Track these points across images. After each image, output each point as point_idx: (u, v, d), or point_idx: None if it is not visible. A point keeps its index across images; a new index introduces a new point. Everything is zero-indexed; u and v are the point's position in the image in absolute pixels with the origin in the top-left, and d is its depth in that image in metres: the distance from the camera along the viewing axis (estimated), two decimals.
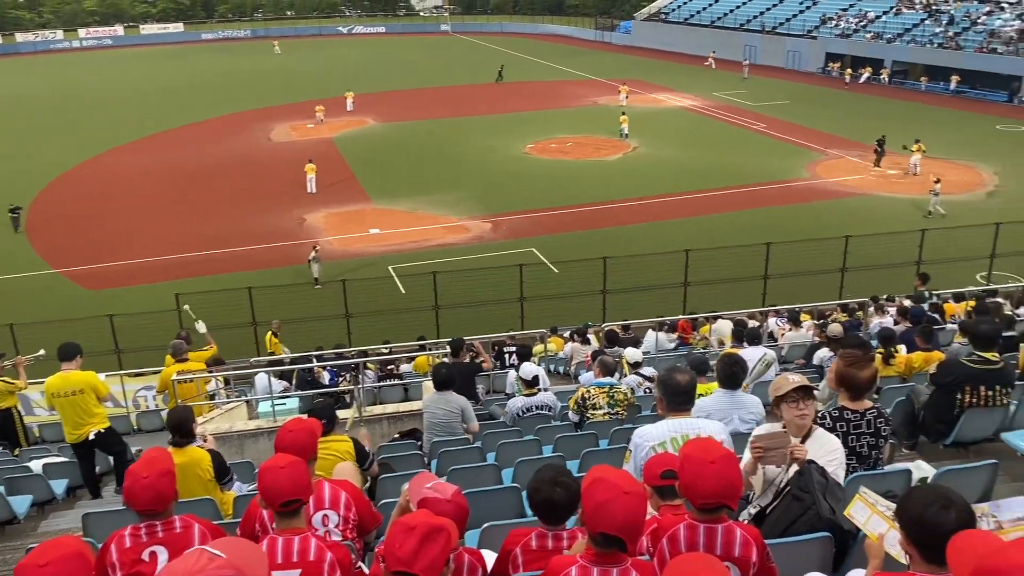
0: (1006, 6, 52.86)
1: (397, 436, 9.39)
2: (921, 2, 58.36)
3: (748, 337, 10.35)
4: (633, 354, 10.76)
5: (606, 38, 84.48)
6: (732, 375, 6.34)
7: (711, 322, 16.50)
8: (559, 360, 15.47)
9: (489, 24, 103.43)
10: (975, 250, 21.54)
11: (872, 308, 15.61)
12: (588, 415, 8.13)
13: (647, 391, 9.68)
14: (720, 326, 15.56)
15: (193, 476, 6.14)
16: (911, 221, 25.43)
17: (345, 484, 4.60)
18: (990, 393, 6.71)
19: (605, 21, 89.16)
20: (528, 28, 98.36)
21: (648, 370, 10.54)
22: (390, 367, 14.94)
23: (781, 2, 69.07)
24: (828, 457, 4.37)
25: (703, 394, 6.65)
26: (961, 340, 10.38)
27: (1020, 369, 7.99)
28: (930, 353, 9.02)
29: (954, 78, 49.80)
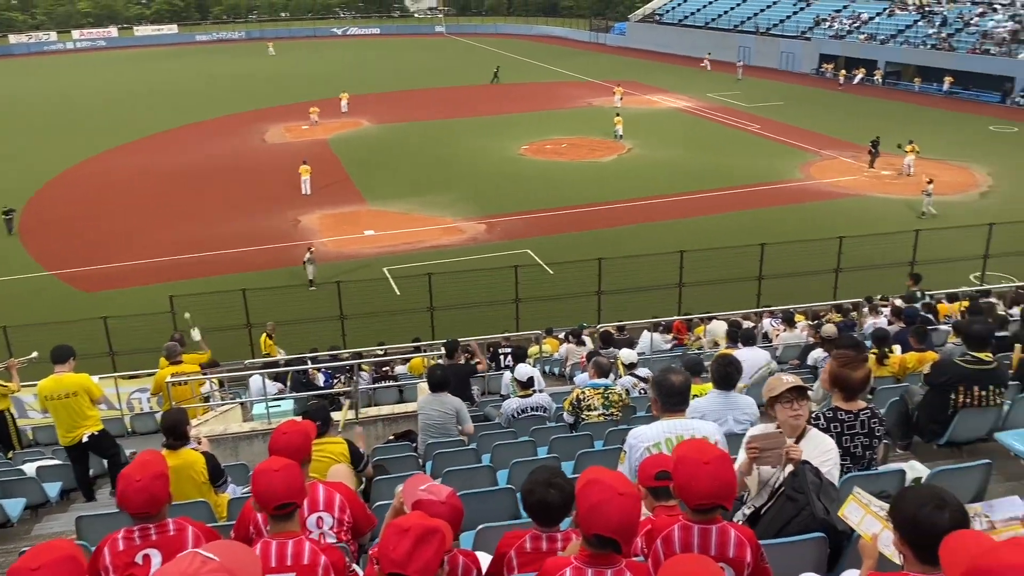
0: (999, 7, 53.09)
1: (392, 438, 9.38)
2: (914, 3, 58.58)
3: (742, 338, 10.36)
4: (628, 355, 10.79)
5: (600, 39, 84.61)
6: (726, 376, 6.34)
7: (706, 323, 16.52)
8: (554, 361, 15.47)
9: (483, 25, 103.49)
10: (968, 250, 21.63)
11: (866, 308, 15.64)
12: (583, 416, 8.13)
13: (642, 392, 9.69)
14: (714, 327, 15.57)
15: (187, 479, 6.14)
16: (905, 222, 25.52)
17: (339, 486, 4.60)
18: (983, 393, 6.73)
19: (599, 22, 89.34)
20: (522, 29, 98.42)
21: (643, 371, 10.56)
22: (385, 369, 14.91)
23: (775, 4, 69.28)
24: (823, 458, 4.37)
25: (697, 395, 6.66)
26: (955, 340, 10.40)
27: (1013, 369, 8.01)
28: (924, 353, 9.02)
29: (947, 79, 50.05)
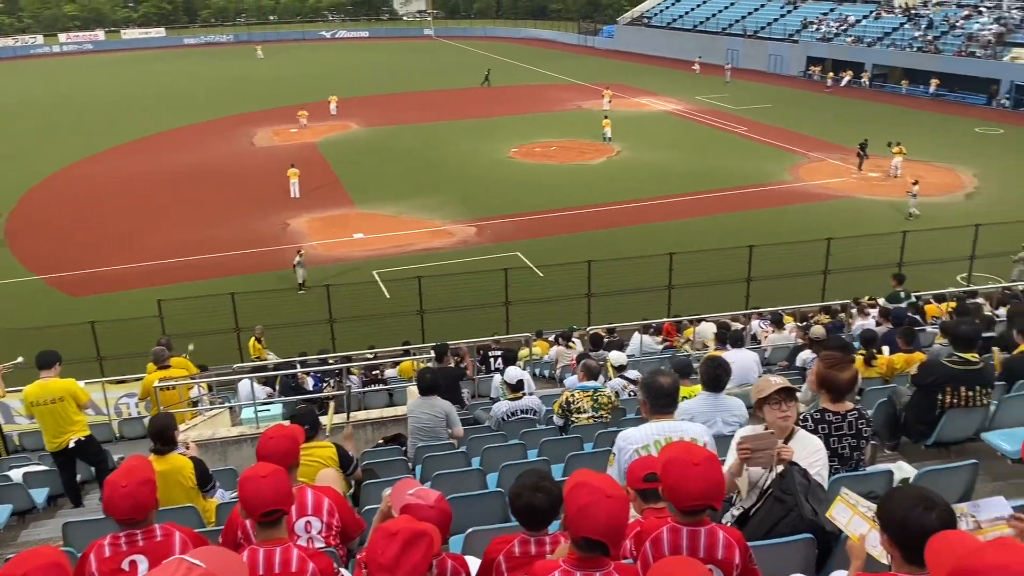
0: (984, 10, 53.48)
1: (381, 442, 9.35)
2: (900, 6, 58.95)
3: (731, 340, 10.39)
4: (617, 357, 10.80)
5: (589, 42, 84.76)
6: (716, 378, 6.37)
7: (694, 325, 16.56)
8: (544, 364, 15.47)
9: (472, 28, 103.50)
10: (955, 251, 21.77)
11: (855, 310, 15.71)
12: (573, 419, 8.13)
13: (631, 394, 9.70)
14: (703, 329, 15.63)
15: (175, 484, 6.10)
16: (892, 223, 25.66)
17: (328, 490, 4.58)
18: (970, 394, 6.76)
19: (588, 25, 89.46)
20: (511, 32, 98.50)
21: (633, 373, 10.57)
22: (375, 372, 14.89)
23: (763, 7, 69.60)
24: (811, 459, 4.37)
25: (687, 397, 6.67)
26: (942, 341, 10.45)
27: (998, 370, 8.06)
28: (911, 354, 9.07)
29: (933, 81, 50.38)
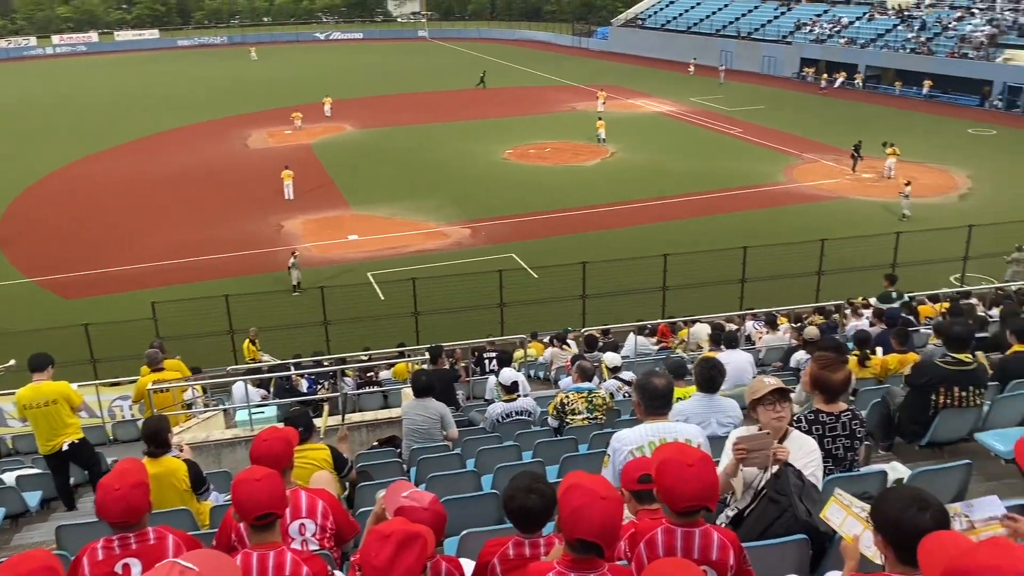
0: (976, 12, 53.68)
1: (376, 444, 9.34)
2: (894, 8, 59.14)
3: (725, 341, 10.41)
4: (612, 359, 10.80)
5: (583, 44, 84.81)
6: (710, 379, 6.36)
7: (689, 326, 16.58)
8: (539, 365, 15.47)
9: (467, 30, 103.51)
10: (948, 252, 21.84)
11: (848, 311, 15.75)
12: (567, 420, 8.12)
13: (626, 395, 9.70)
14: (697, 330, 15.64)
15: (169, 486, 6.07)
16: (886, 224, 25.73)
17: (322, 493, 4.57)
18: (964, 394, 6.78)
19: (582, 27, 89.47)
20: (505, 34, 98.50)
21: (627, 374, 10.56)
22: (369, 374, 14.87)
23: (756, 8, 69.78)
24: (805, 459, 4.37)
25: (681, 398, 6.67)
26: (936, 342, 10.48)
27: (990, 371, 8.08)
28: (905, 355, 9.08)
29: (927, 83, 50.55)
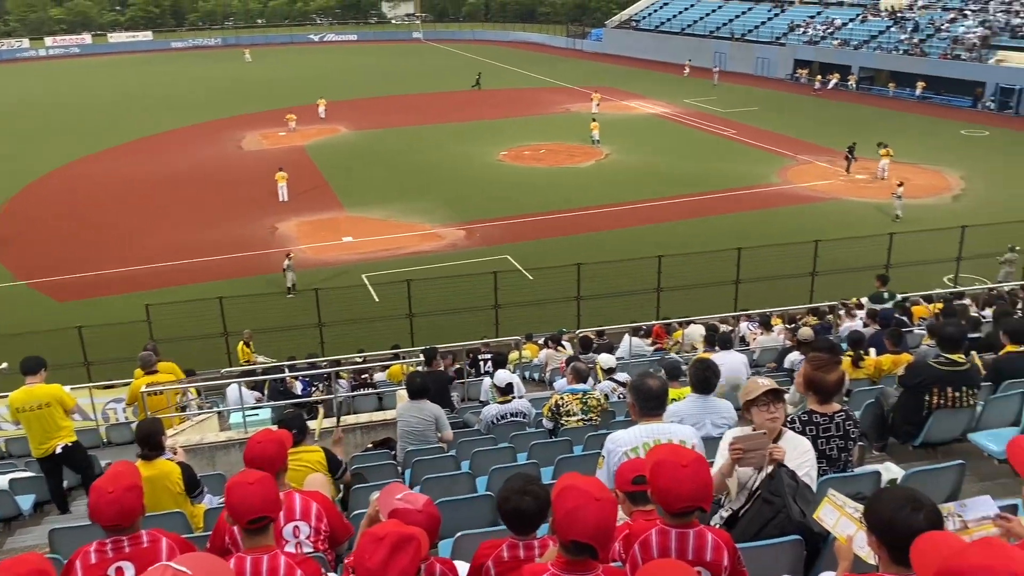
0: (969, 13, 53.87)
1: (371, 446, 9.32)
2: (887, 10, 59.33)
3: (720, 342, 10.42)
4: (607, 360, 10.80)
5: (577, 45, 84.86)
6: (705, 380, 6.37)
7: (683, 327, 16.60)
8: (534, 367, 15.47)
9: (461, 32, 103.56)
10: (942, 253, 21.88)
11: (842, 311, 15.79)
12: (562, 422, 8.12)
13: (621, 397, 9.70)
14: (692, 331, 15.66)
15: (163, 489, 6.05)
16: (880, 225, 25.80)
17: (316, 495, 4.56)
18: (957, 394, 6.79)
19: (576, 29, 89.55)
20: (500, 36, 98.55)
21: (622, 375, 10.57)
22: (364, 376, 14.85)
23: (750, 10, 69.93)
24: (800, 459, 4.38)
25: (676, 399, 6.68)
26: (929, 342, 10.51)
27: (982, 371, 8.11)
28: (899, 355, 9.10)
29: (919, 84, 50.73)
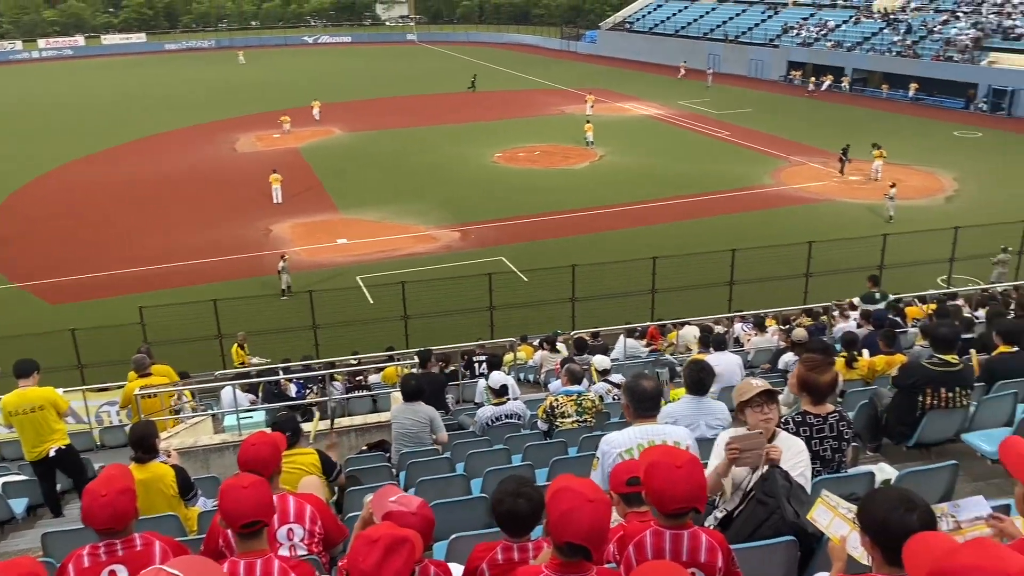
0: (961, 15, 54.08)
1: (365, 448, 9.31)
2: (880, 11, 59.52)
3: (714, 343, 10.44)
4: (601, 361, 10.80)
5: (572, 47, 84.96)
6: (699, 381, 6.37)
7: (678, 328, 16.62)
8: (529, 368, 15.47)
9: (455, 33, 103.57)
10: (935, 254, 21.94)
11: (836, 312, 15.83)
12: (557, 423, 8.12)
13: (615, 398, 9.70)
14: (686, 332, 15.68)
15: (156, 492, 6.03)
16: (874, 226, 25.87)
17: (310, 497, 4.55)
18: (950, 395, 6.81)
19: (571, 30, 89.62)
20: (494, 37, 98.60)
21: (617, 377, 10.56)
22: (358, 378, 14.82)
23: (743, 12, 70.10)
24: (794, 460, 4.38)
25: (670, 400, 6.69)
26: (923, 343, 10.54)
27: (976, 372, 8.13)
28: (892, 356, 9.13)
29: (912, 85, 50.90)
